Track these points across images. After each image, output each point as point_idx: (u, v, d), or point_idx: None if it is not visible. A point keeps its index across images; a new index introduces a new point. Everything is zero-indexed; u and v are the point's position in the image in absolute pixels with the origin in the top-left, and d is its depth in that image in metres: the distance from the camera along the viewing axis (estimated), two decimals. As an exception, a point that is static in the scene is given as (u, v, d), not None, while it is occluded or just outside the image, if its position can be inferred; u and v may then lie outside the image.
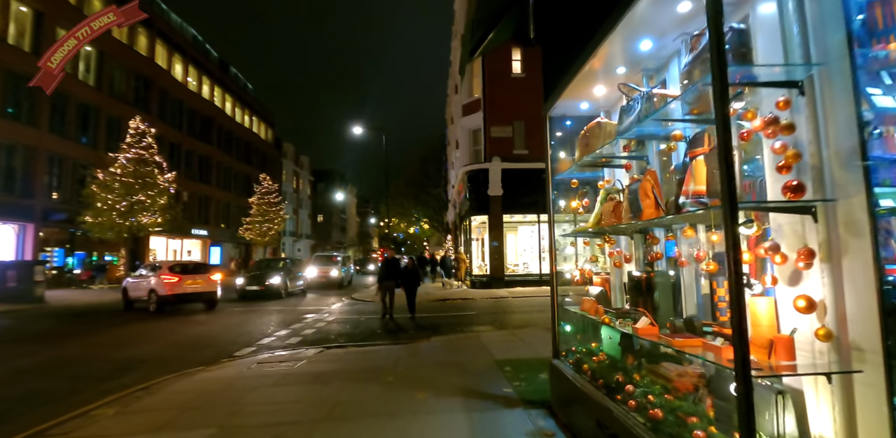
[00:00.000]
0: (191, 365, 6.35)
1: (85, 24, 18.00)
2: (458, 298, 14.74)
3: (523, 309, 11.92)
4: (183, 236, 34.72)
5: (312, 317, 10.74)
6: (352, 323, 10.15)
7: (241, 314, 11.99)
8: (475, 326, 9.18)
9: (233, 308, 13.37)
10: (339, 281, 21.14)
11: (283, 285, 15.92)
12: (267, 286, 15.61)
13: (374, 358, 6.28)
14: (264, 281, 15.67)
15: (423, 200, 40.57)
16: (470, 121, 19.72)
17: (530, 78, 18.35)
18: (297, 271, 17.94)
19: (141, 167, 22.16)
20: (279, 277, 15.88)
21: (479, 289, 17.14)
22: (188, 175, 35.45)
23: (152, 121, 30.34)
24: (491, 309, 12.07)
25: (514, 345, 6.82)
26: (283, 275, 16.13)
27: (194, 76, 37.43)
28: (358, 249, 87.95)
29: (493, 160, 17.49)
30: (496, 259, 17.43)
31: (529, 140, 18.14)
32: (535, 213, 17.99)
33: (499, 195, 17.50)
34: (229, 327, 9.90)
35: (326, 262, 22.04)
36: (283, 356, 6.71)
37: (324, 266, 21.54)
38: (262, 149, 50.29)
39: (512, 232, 19.46)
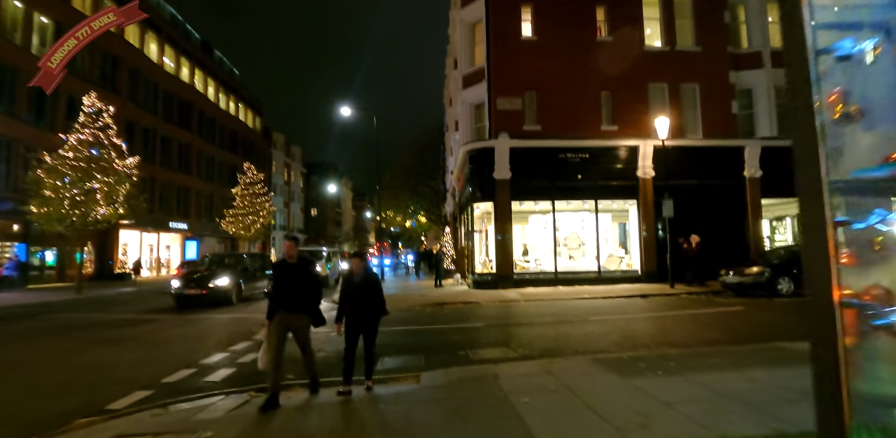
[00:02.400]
0: (25, 427, 3.75)
1: (85, 24, 17.75)
2: (458, 302, 12.12)
3: (543, 317, 9.30)
4: (160, 230, 32.04)
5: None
6: (318, 340, 7.50)
7: (174, 327, 9.35)
8: (485, 349, 6.53)
9: (166, 317, 10.72)
10: None
11: (233, 288, 12.69)
12: (211, 289, 12.34)
13: (314, 427, 3.64)
14: (207, 284, 12.40)
15: (420, 191, 37.86)
16: (471, 93, 16.97)
17: (544, 41, 15.60)
18: (258, 269, 14.81)
19: (99, 150, 19.38)
20: (228, 278, 12.67)
21: (483, 290, 14.52)
22: (165, 163, 32.71)
23: (121, 103, 27.58)
24: (502, 319, 9.45)
25: (561, 402, 3.97)
26: (235, 275, 13.01)
27: (171, 57, 34.50)
28: (353, 244, 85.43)
29: (499, 137, 14.78)
30: (503, 254, 14.78)
31: (543, 113, 15.42)
32: (549, 200, 15.32)
33: (506, 178, 14.81)
34: (145, 349, 7.27)
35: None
36: (171, 419, 4.05)
37: None
38: (250, 138, 47.42)
39: (522, 222, 16.78)
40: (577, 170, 15.20)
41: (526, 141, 14.91)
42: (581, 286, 14.53)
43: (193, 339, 7.88)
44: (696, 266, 13.85)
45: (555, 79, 15.42)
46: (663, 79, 15.99)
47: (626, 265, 15.59)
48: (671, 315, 9.25)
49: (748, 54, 16.52)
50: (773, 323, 7.99)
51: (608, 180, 15.35)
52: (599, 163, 15.28)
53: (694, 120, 16.15)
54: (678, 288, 13.33)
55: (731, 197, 15.76)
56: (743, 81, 16.39)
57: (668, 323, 8.01)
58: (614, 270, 15.38)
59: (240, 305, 12.71)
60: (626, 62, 15.64)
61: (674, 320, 8.49)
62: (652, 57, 16.03)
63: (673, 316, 8.97)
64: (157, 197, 31.74)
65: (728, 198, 15.75)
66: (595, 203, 15.39)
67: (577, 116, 15.36)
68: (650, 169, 15.29)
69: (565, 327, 8.02)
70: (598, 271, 15.16)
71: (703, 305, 10.51)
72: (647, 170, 15.28)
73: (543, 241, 16.12)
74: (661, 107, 15.51)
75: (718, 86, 16.16)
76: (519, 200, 15.34)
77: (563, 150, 15.10)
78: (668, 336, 6.93)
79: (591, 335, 7.19)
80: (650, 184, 15.31)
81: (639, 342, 6.57)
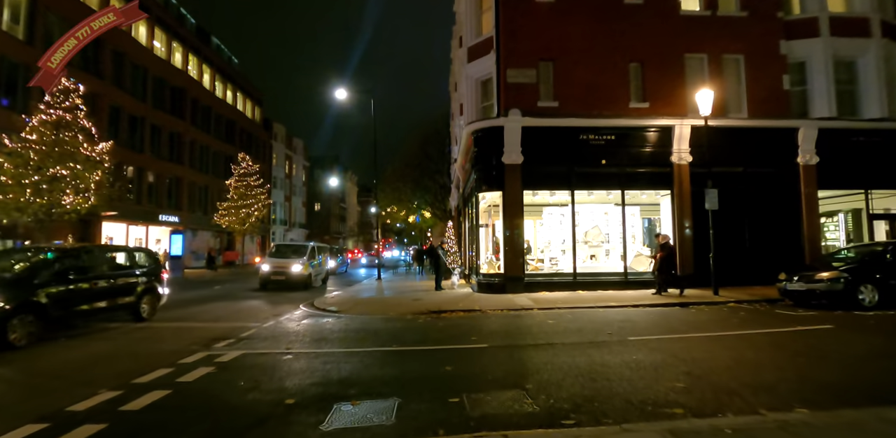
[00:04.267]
0: None
1: (85, 24, 17.81)
2: (459, 310, 10.01)
3: (566, 335, 7.17)
4: (149, 223, 30.30)
5: (194, 360, 6.00)
6: (262, 369, 5.44)
7: (124, 336, 7.34)
8: (489, 392, 4.39)
9: (126, 326, 8.74)
10: (302, 279, 15.72)
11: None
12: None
13: None
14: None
15: (424, 184, 35.73)
16: (478, 67, 14.77)
17: (563, 2, 13.35)
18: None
19: (62, 133, 17.52)
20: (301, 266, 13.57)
21: (489, 294, 12.41)
22: (155, 152, 30.92)
23: (104, 87, 25.77)
24: (512, 336, 7.32)
25: None
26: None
27: (163, 41, 32.64)
28: (358, 239, 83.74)
29: (509, 114, 12.58)
30: (513, 252, 12.63)
31: (561, 87, 13.19)
32: (568, 189, 13.12)
33: (517, 163, 12.64)
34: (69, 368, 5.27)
35: (286, 255, 16.47)
36: None
37: (281, 259, 16.01)
38: (249, 129, 45.57)
39: (535, 215, 14.63)
40: (600, 155, 12.98)
41: (541, 119, 12.70)
42: (604, 290, 12.35)
43: (119, 359, 5.86)
44: (667, 269, 11.63)
45: (575, 48, 13.19)
46: (703, 48, 13.68)
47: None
48: (737, 335, 7.06)
49: (802, 21, 14.13)
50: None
51: (637, 167, 13.11)
52: (627, 146, 13.05)
53: (738, 97, 13.83)
54: (723, 295, 11.11)
55: (780, 187, 13.47)
56: (796, 52, 14.01)
57: (744, 351, 5.81)
58: (643, 272, 13.16)
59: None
60: (660, 29, 13.40)
61: (748, 344, 6.29)
62: (689, 23, 13.72)
63: (742, 339, 6.77)
64: (146, 188, 30.01)
65: (777, 188, 13.46)
66: (621, 193, 13.15)
67: (600, 91, 13.13)
68: (687, 153, 13.02)
69: (600, 352, 5.88)
70: (623, 273, 12.95)
71: (771, 320, 8.28)
72: (683, 154, 13.02)
73: (560, 238, 13.94)
74: (700, 82, 13.23)
75: (767, 57, 13.81)
76: (532, 189, 13.17)
77: (585, 131, 12.88)
78: (757, 375, 4.75)
79: (640, 368, 5.05)
80: (686, 171, 13.05)
81: (719, 385, 4.41)
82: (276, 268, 15.53)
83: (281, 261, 15.81)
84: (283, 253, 16.80)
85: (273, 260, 16.04)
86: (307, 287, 15.87)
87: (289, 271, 15.46)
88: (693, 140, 12.91)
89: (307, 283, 15.94)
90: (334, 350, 6.47)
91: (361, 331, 7.87)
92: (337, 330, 8.07)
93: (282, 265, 15.58)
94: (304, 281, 15.78)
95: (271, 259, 16.29)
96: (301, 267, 15.68)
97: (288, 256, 16.23)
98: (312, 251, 17.03)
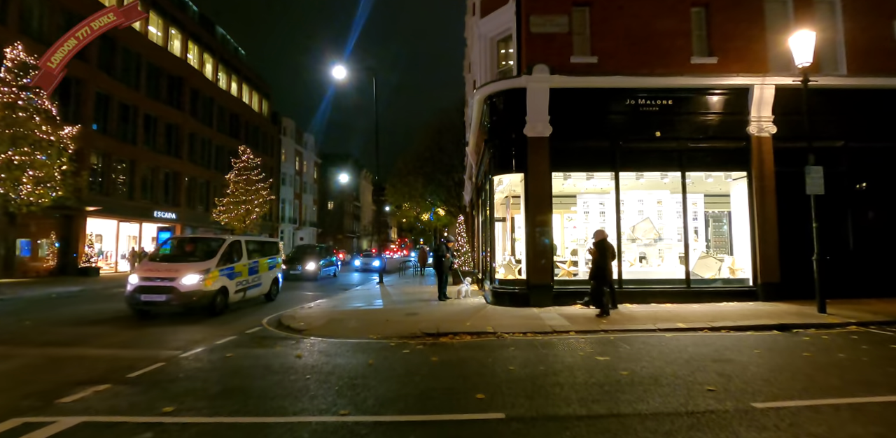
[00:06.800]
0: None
1: (85, 24, 17.89)
2: (464, 333, 7.13)
3: (639, 392, 4.25)
4: (143, 219, 28.31)
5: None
6: None
7: None
8: None
9: None
10: (201, 299, 8.96)
11: None
12: None
13: None
14: None
15: (437, 179, 32.96)
16: (493, 22, 11.83)
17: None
18: None
19: (16, 113, 15.28)
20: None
21: (507, 308, 9.51)
22: (150, 145, 28.92)
23: (90, 71, 23.73)
24: (545, 396, 4.41)
25: None
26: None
27: (159, 26, 30.66)
28: (373, 239, 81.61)
29: (534, 72, 9.63)
30: (539, 253, 9.66)
31: (601, 39, 10.16)
32: (611, 170, 10.08)
33: (544, 136, 9.68)
34: None
35: (179, 257, 9.99)
36: None
37: (167, 264, 9.56)
38: (255, 123, 43.52)
39: (567, 205, 11.66)
40: (653, 125, 9.94)
41: (575, 78, 9.70)
42: (661, 303, 9.31)
43: None
44: (601, 278, 8.45)
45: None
46: (787, -14, 10.51)
47: (729, 271, 10.20)
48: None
49: (919, -50, 10.81)
50: None
51: (701, 140, 10.01)
52: (688, 113, 9.97)
53: (833, 49, 10.58)
54: (833, 313, 7.99)
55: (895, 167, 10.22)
56: (911, -8, 10.70)
57: None
58: (711, 279, 10.05)
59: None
60: (730, -38, 10.25)
61: None
62: (770, -46, 10.56)
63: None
64: (139, 182, 28.00)
65: (892, 168, 10.21)
66: (682, 175, 10.06)
67: (653, 43, 10.07)
68: (769, 122, 9.87)
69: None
70: (685, 280, 9.85)
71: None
72: (764, 124, 9.86)
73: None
74: (783, 30, 10.06)
75: (872, -2, 10.55)
76: (563, 170, 10.21)
77: (633, 93, 9.86)
78: None
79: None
80: (770, 145, 9.90)
81: None
82: (153, 283, 8.82)
83: (164, 268, 9.17)
84: (176, 254, 10.27)
85: (150, 269, 9.24)
86: (214, 310, 9.24)
87: (176, 285, 8.75)
88: (778, 105, 9.77)
89: (211, 305, 9.17)
90: (235, 420, 3.71)
91: (309, 372, 5.10)
92: (275, 369, 5.30)
93: (165, 275, 8.90)
94: (205, 300, 9.01)
95: (149, 265, 9.50)
96: (199, 277, 8.97)
97: (182, 260, 9.72)
98: (231, 250, 10.00)
